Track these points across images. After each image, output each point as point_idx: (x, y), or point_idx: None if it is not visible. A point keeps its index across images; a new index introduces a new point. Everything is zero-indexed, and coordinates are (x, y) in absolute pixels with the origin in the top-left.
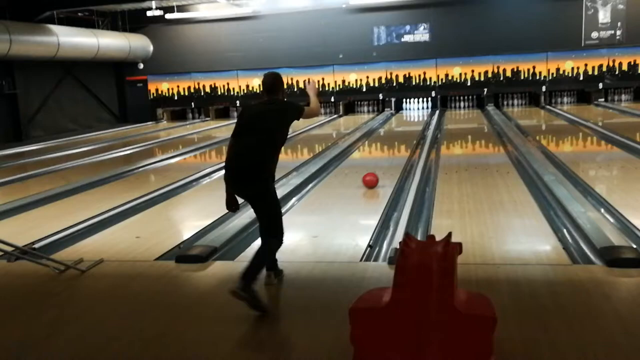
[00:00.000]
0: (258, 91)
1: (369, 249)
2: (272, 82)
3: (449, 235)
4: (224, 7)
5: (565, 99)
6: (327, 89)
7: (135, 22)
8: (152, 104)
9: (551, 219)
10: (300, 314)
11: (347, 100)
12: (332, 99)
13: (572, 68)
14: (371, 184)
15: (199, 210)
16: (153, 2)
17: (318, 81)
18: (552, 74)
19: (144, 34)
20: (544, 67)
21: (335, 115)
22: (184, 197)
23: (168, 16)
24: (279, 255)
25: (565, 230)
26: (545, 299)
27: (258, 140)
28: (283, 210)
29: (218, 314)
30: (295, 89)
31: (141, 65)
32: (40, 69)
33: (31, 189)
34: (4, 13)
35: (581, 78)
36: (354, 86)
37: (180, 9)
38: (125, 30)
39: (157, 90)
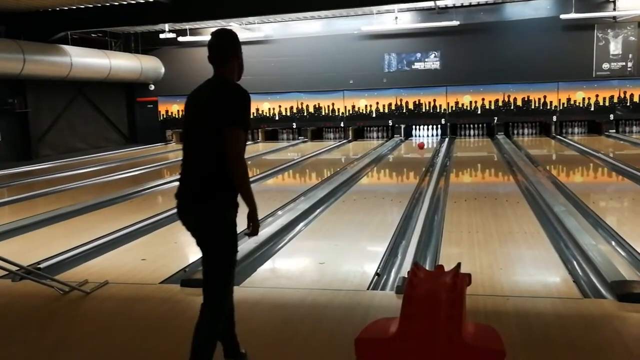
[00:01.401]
0: (269, 115)
1: (376, 277)
2: (217, 44)
3: (458, 265)
4: (236, 31)
5: (576, 129)
6: (336, 114)
7: (147, 44)
8: (161, 125)
9: (561, 250)
10: (305, 342)
11: (357, 125)
12: (342, 124)
13: (583, 98)
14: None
15: None
16: (166, 25)
17: (328, 106)
18: (563, 104)
19: (156, 55)
20: (555, 97)
21: (345, 141)
22: None
23: (180, 39)
24: (285, 281)
25: (575, 263)
26: (555, 333)
27: (193, 145)
28: (289, 236)
29: None
30: (305, 114)
31: (152, 87)
32: (52, 88)
33: (38, 208)
34: (18, 33)
35: (592, 109)
36: (364, 112)
37: (193, 32)
38: (137, 51)
39: (167, 111)
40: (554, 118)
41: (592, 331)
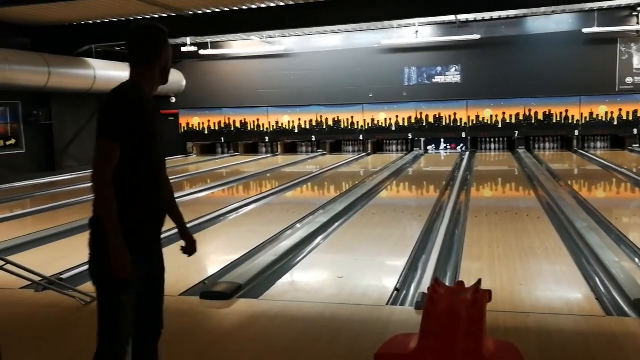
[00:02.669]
0: (288, 128)
1: (395, 292)
2: (130, 44)
3: (479, 281)
4: (257, 45)
5: (598, 144)
6: (356, 127)
7: None
8: (182, 137)
9: (583, 267)
10: (323, 357)
11: (376, 138)
12: (361, 137)
13: (606, 113)
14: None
15: (226, 246)
16: (188, 39)
17: (347, 119)
18: (586, 118)
19: (178, 68)
20: (577, 111)
21: (364, 154)
22: (211, 232)
23: (202, 52)
24: (303, 294)
25: (597, 280)
26: (577, 351)
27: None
28: (308, 249)
29: (240, 353)
30: (325, 127)
31: (174, 99)
32: (76, 100)
33: (61, 218)
34: (44, 46)
35: (615, 123)
36: (383, 125)
37: (214, 45)
38: None
39: (187, 124)
40: (576, 132)
41: (614, 350)
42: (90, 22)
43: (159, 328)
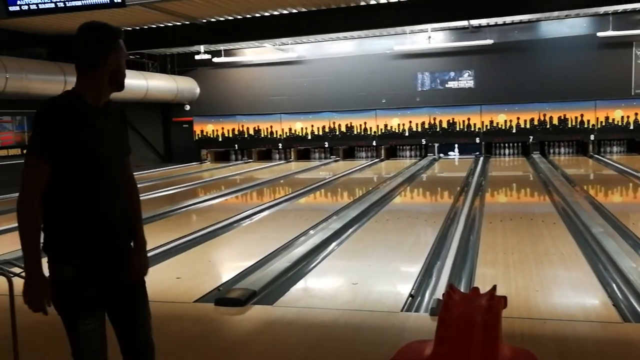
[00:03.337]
0: (301, 134)
1: (410, 298)
2: (75, 46)
3: (494, 288)
4: (270, 52)
5: (614, 148)
6: (368, 133)
7: (183, 65)
8: (196, 144)
9: (600, 273)
10: None
11: (389, 144)
12: (374, 143)
13: (622, 117)
14: None
15: (240, 252)
16: (202, 47)
17: (360, 125)
18: (601, 122)
19: (192, 76)
20: (593, 115)
21: (377, 160)
22: (225, 239)
23: (215, 60)
24: (317, 301)
25: (614, 286)
26: (594, 358)
27: None
28: (322, 255)
29: None
30: (337, 133)
31: (188, 107)
32: None
33: None
34: (60, 55)
35: (631, 127)
36: (397, 131)
37: (228, 53)
38: (173, 72)
39: (202, 131)
40: (592, 137)
41: (631, 356)
42: None
43: (144, 349)
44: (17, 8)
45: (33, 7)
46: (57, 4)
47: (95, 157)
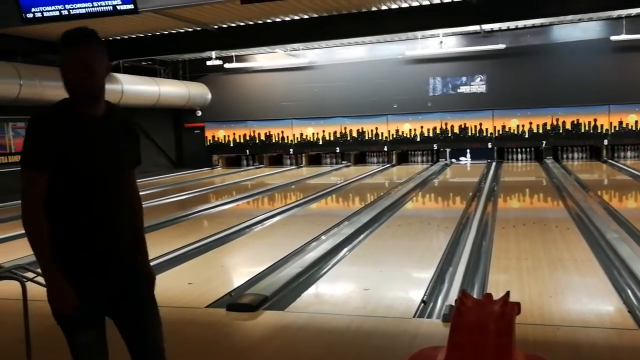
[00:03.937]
0: (312, 139)
1: (422, 304)
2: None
3: (507, 294)
4: (281, 58)
5: (628, 153)
6: (380, 138)
7: (195, 71)
8: (208, 150)
9: (614, 279)
10: None
11: (401, 150)
12: (385, 149)
13: (636, 121)
14: None
15: (251, 257)
16: (213, 53)
17: (371, 130)
18: (615, 127)
19: (203, 82)
20: (606, 120)
21: (388, 165)
22: (237, 244)
23: (227, 66)
24: (329, 307)
25: (629, 292)
26: None
27: None
28: (333, 261)
29: None
30: (349, 138)
31: (199, 113)
32: None
33: None
34: None
35: None
36: (408, 136)
37: (239, 59)
38: (185, 78)
39: (213, 137)
40: (605, 142)
41: None
42: (118, 37)
43: (152, 358)
44: (31, 15)
45: (47, 14)
46: (62, 11)
47: (84, 168)
